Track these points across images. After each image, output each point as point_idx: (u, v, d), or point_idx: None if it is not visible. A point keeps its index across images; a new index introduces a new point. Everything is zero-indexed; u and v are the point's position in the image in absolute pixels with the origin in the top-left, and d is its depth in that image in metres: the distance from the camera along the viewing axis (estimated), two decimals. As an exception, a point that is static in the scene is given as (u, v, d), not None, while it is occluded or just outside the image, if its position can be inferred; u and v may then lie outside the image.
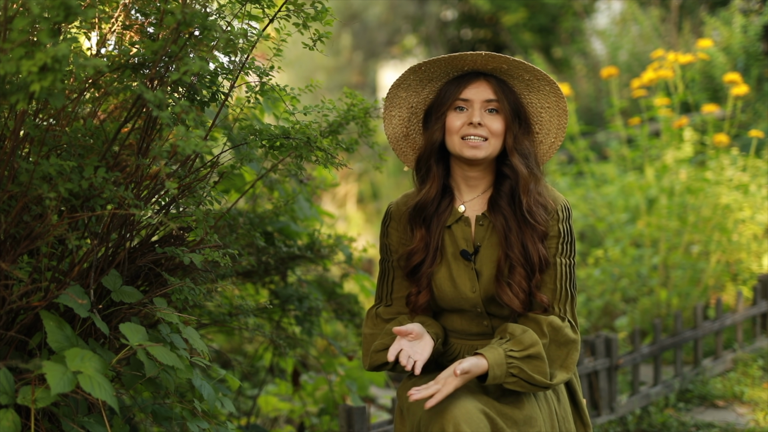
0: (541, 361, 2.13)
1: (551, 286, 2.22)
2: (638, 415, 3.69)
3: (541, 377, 2.12)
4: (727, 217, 4.77)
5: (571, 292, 2.24)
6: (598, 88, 8.85)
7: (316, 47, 2.26)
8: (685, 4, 8.79)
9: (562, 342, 2.18)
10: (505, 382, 2.11)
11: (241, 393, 3.58)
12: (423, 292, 2.27)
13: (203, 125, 2.16)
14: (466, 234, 2.27)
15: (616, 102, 5.31)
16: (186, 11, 1.94)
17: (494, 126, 2.22)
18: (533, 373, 2.11)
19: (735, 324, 4.39)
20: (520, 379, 2.11)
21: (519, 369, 2.11)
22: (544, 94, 2.27)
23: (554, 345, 2.18)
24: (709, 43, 5.50)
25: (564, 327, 2.19)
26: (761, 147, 5.50)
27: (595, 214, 5.52)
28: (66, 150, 2.11)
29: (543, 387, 2.13)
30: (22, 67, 1.71)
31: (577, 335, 2.21)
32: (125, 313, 2.18)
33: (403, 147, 2.37)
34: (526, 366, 2.11)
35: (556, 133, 2.32)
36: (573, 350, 2.19)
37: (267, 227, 3.15)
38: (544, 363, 2.13)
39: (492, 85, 2.23)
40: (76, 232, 2.11)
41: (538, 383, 2.12)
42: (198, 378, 2.21)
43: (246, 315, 2.81)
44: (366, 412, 2.77)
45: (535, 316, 2.20)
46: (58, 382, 1.84)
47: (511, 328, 2.17)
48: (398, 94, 2.29)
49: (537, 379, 2.11)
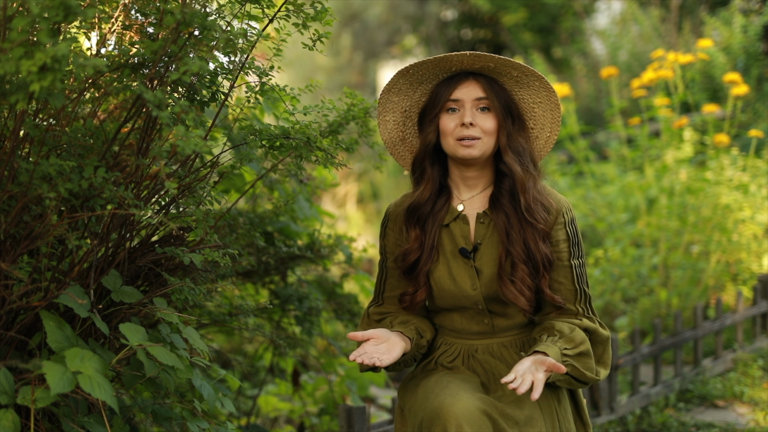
0: (590, 358, 2.19)
1: (570, 287, 2.25)
2: (638, 415, 3.69)
3: (591, 374, 2.18)
4: (727, 217, 4.77)
5: (588, 292, 2.28)
6: (598, 88, 8.85)
7: (315, 47, 2.26)
8: (685, 4, 8.79)
9: (599, 341, 2.25)
10: (558, 379, 2.15)
11: (241, 393, 3.58)
12: (420, 290, 2.28)
13: (203, 125, 2.16)
14: (465, 232, 2.27)
15: (616, 102, 5.31)
16: (186, 11, 1.94)
17: (486, 124, 2.22)
18: (584, 370, 2.17)
19: (735, 324, 4.39)
20: (570, 376, 2.17)
21: (572, 367, 2.15)
22: (534, 89, 2.28)
23: (593, 343, 2.24)
24: (709, 43, 5.50)
25: (597, 327, 2.24)
26: (761, 147, 5.50)
27: (595, 214, 5.52)
28: (66, 150, 2.11)
29: (590, 383, 2.20)
30: (22, 66, 1.71)
31: (608, 332, 2.26)
32: (125, 313, 2.18)
33: (401, 151, 2.38)
34: (578, 363, 2.16)
35: (551, 127, 2.33)
36: (608, 347, 2.26)
37: (267, 227, 3.15)
38: (592, 360, 2.19)
39: (481, 83, 2.24)
40: (76, 232, 2.10)
41: (588, 380, 2.18)
42: (198, 378, 2.21)
43: (246, 315, 2.81)
44: (366, 412, 2.77)
45: (570, 319, 2.23)
46: (58, 382, 1.84)
47: (558, 326, 2.20)
48: (390, 99, 2.30)
49: (588, 376, 2.17)
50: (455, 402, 2.05)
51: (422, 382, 2.24)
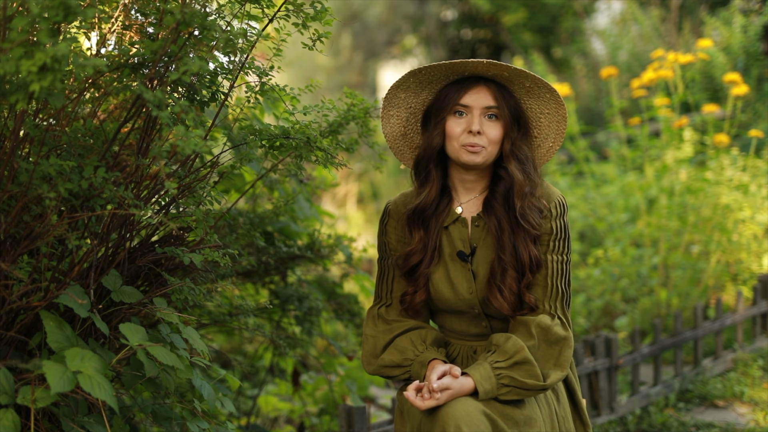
0: (529, 365, 2.13)
1: (542, 283, 2.22)
2: (638, 415, 3.69)
3: (534, 380, 2.12)
4: (727, 217, 4.77)
5: (563, 289, 2.23)
6: (598, 88, 8.85)
7: (315, 47, 2.26)
8: (685, 4, 8.79)
9: (553, 341, 2.18)
10: (499, 394, 2.11)
11: (241, 393, 3.58)
12: (419, 291, 2.27)
13: (203, 125, 2.16)
14: (463, 235, 2.27)
15: (616, 102, 5.31)
16: (185, 11, 1.94)
17: (492, 133, 2.21)
18: (524, 378, 2.12)
19: (735, 324, 4.39)
20: (513, 387, 2.12)
21: (509, 378, 2.11)
22: (545, 100, 2.27)
23: (545, 344, 2.17)
24: (709, 43, 5.50)
25: (553, 325, 2.18)
26: (761, 147, 5.50)
27: (595, 214, 5.52)
28: (66, 150, 2.11)
29: (538, 390, 2.13)
30: (22, 66, 1.71)
31: (568, 332, 2.20)
32: (125, 313, 2.18)
33: (401, 146, 2.37)
34: (515, 374, 2.11)
35: (554, 138, 2.32)
36: (565, 347, 2.18)
37: (267, 227, 3.15)
38: (533, 366, 2.13)
39: (492, 90, 2.22)
40: (76, 232, 2.10)
41: (532, 387, 2.12)
42: (198, 378, 2.21)
43: (246, 315, 2.81)
44: (366, 412, 2.77)
45: (524, 318, 2.20)
46: (58, 382, 1.84)
47: (495, 338, 2.18)
48: (397, 95, 2.29)
49: (530, 384, 2.12)
50: (454, 403, 2.05)
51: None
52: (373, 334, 2.30)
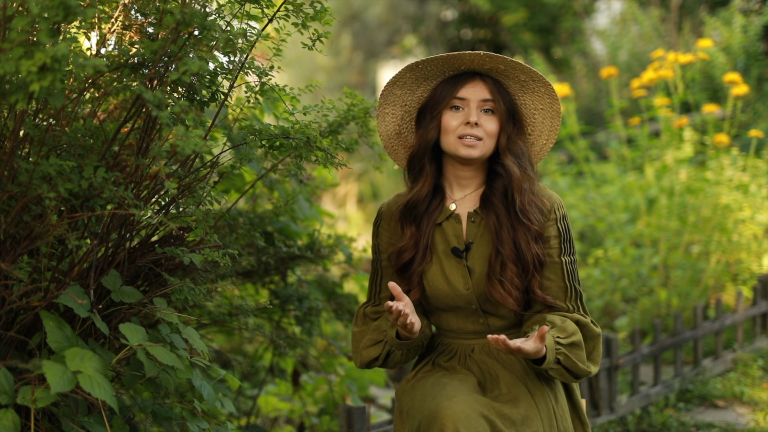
0: (581, 349, 2.16)
1: (560, 284, 2.24)
2: (638, 415, 3.69)
3: (584, 366, 2.15)
4: (727, 217, 4.77)
5: (579, 289, 2.26)
6: (598, 88, 8.85)
7: (315, 47, 2.26)
8: (685, 4, 8.79)
9: (589, 336, 2.22)
10: (550, 368, 2.13)
11: (241, 393, 3.58)
12: (414, 290, 2.27)
13: (203, 125, 2.16)
14: (457, 231, 2.27)
15: (616, 102, 5.31)
16: (185, 11, 1.94)
17: (489, 126, 2.23)
18: (577, 360, 2.14)
19: (735, 324, 4.39)
20: (562, 367, 2.14)
21: (565, 356, 2.13)
22: (539, 95, 2.28)
23: (584, 338, 2.21)
24: (709, 43, 5.50)
25: (588, 322, 2.22)
26: (761, 147, 5.50)
27: (595, 214, 5.52)
28: (66, 150, 2.11)
29: (584, 375, 2.16)
30: (22, 66, 1.71)
31: (599, 329, 2.24)
32: (125, 313, 2.18)
33: (395, 145, 2.38)
34: (571, 353, 2.14)
35: (548, 134, 2.34)
36: (599, 344, 2.23)
37: (267, 227, 3.15)
38: (583, 352, 2.16)
39: (488, 85, 2.24)
40: (75, 232, 2.10)
41: (580, 371, 2.15)
42: (198, 378, 2.21)
43: (246, 315, 2.81)
44: (366, 412, 2.77)
45: (561, 314, 2.21)
46: (58, 382, 1.84)
47: (549, 317, 2.19)
48: (393, 92, 2.30)
49: (580, 367, 2.15)
50: (452, 404, 2.05)
51: (420, 383, 2.24)
52: (359, 330, 2.34)
